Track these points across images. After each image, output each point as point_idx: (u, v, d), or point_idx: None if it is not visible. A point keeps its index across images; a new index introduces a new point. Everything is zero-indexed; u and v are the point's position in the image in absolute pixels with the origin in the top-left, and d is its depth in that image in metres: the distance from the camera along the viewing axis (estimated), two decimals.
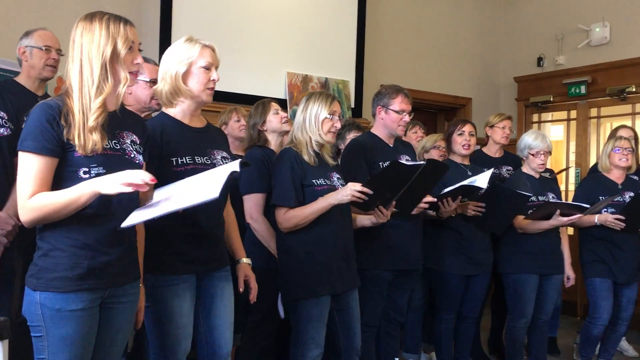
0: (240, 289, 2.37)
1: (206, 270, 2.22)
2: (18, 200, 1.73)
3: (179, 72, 2.16)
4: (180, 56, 2.16)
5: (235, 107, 3.65)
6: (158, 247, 2.09)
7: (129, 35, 1.81)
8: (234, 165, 1.81)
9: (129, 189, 1.64)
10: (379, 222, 2.79)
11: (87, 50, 1.77)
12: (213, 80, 2.20)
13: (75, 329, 1.75)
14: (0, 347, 1.71)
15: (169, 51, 2.21)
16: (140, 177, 1.63)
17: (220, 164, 2.21)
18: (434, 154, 3.86)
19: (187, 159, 2.14)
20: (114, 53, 1.78)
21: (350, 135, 3.82)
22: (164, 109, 2.26)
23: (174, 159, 2.12)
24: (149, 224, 2.02)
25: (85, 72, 1.77)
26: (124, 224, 1.71)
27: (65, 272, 1.74)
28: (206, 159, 2.20)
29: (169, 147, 2.13)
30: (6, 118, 2.38)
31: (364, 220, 2.87)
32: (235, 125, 3.54)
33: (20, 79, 2.87)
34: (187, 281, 2.16)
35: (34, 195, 1.71)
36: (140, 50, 1.89)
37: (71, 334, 1.74)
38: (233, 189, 2.57)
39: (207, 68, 2.18)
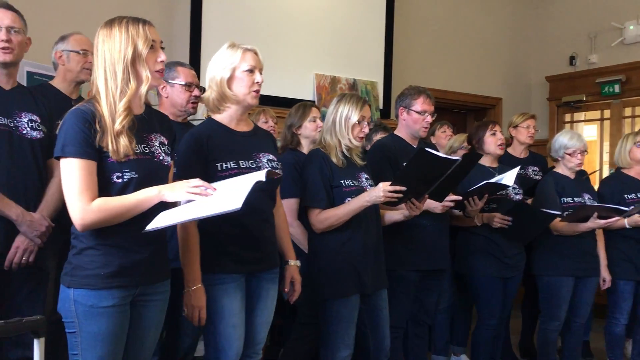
0: (285, 290, 2.42)
1: (255, 270, 2.27)
2: (75, 204, 1.75)
3: (224, 78, 2.20)
4: (223, 62, 2.21)
5: (264, 108, 3.63)
6: (208, 247, 2.14)
7: (148, 35, 1.84)
8: (260, 175, 1.83)
9: (194, 197, 1.76)
10: (412, 214, 2.76)
11: (109, 56, 1.82)
12: (257, 82, 2.24)
13: (107, 325, 1.79)
14: (37, 345, 1.74)
15: (213, 59, 2.26)
16: (204, 186, 1.78)
17: (266, 167, 2.26)
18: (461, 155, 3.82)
19: (232, 164, 2.18)
20: (135, 54, 1.82)
21: (377, 137, 3.81)
22: (211, 115, 2.31)
23: (218, 164, 2.17)
24: (199, 225, 2.12)
25: (110, 77, 1.81)
26: (149, 227, 1.75)
27: (98, 270, 1.79)
28: (251, 163, 2.23)
29: (214, 153, 2.18)
30: (39, 121, 2.43)
31: (395, 215, 2.85)
32: (263, 127, 3.55)
33: (55, 83, 2.93)
34: (236, 281, 2.20)
35: (95, 199, 1.75)
36: (162, 48, 1.91)
37: (103, 330, 1.79)
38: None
39: (251, 71, 2.22)
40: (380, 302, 2.75)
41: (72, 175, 1.75)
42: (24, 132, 2.37)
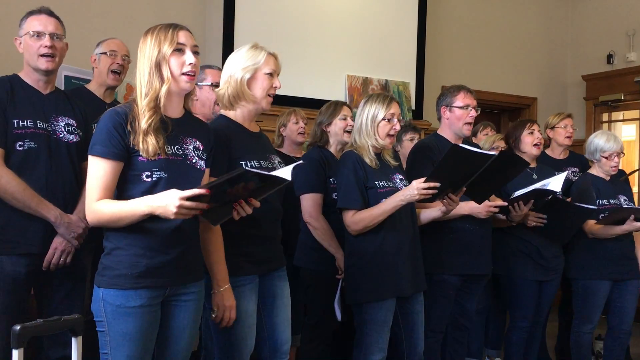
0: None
1: (268, 270, 2.28)
2: (86, 201, 1.85)
3: (245, 78, 2.21)
4: (246, 62, 2.21)
5: (294, 109, 3.62)
6: (226, 248, 2.14)
7: (175, 38, 1.88)
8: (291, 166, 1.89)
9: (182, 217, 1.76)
10: (449, 210, 2.72)
11: (141, 61, 1.89)
12: (275, 87, 2.26)
13: (134, 325, 1.82)
14: (75, 343, 1.78)
15: (234, 57, 2.26)
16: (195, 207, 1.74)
17: (279, 168, 2.26)
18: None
19: (255, 163, 2.20)
20: (160, 56, 1.86)
21: (407, 137, 3.79)
22: (223, 112, 2.31)
23: (243, 162, 2.18)
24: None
25: (142, 80, 1.88)
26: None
27: (125, 270, 1.83)
28: (268, 163, 2.26)
29: (237, 151, 2.19)
30: (75, 125, 2.48)
31: (432, 212, 2.82)
32: (294, 127, 3.55)
33: (90, 86, 3.01)
34: (252, 282, 2.22)
35: (100, 199, 1.81)
36: (197, 53, 1.94)
37: (131, 329, 1.82)
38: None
39: (271, 75, 2.24)
40: (417, 305, 2.72)
41: (90, 173, 1.84)
42: (61, 135, 2.43)
